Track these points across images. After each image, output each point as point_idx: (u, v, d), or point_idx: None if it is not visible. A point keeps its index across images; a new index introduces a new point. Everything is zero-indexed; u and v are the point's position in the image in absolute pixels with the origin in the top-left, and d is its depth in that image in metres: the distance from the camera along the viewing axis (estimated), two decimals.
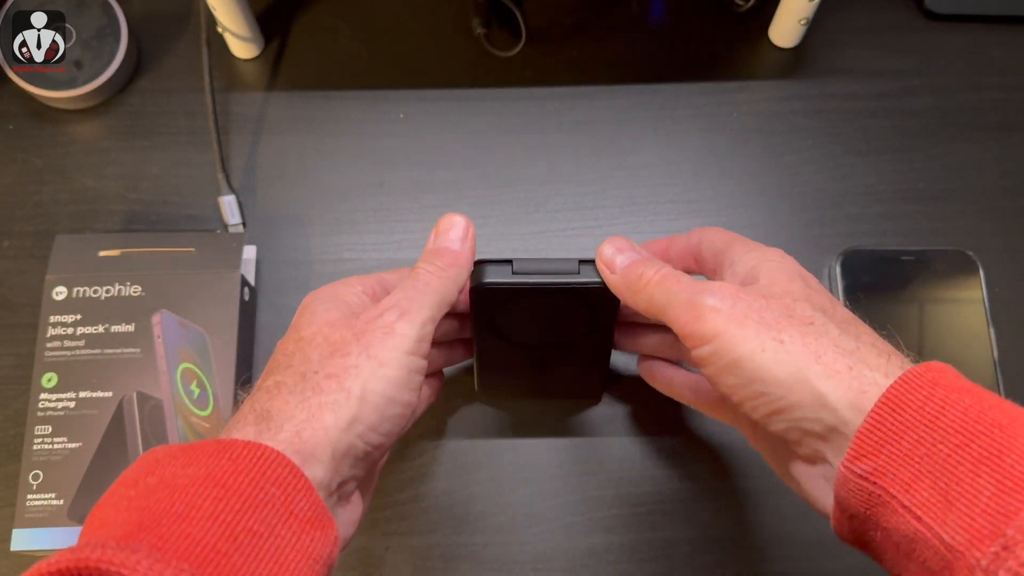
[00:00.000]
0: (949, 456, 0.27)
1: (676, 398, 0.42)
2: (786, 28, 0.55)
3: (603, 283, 0.38)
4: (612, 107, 0.55)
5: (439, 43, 0.56)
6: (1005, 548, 0.24)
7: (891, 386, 0.28)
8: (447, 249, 0.38)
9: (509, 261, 0.38)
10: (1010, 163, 0.54)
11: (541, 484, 0.47)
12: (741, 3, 0.56)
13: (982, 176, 0.53)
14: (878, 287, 0.49)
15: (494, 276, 0.38)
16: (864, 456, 0.28)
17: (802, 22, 0.54)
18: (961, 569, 0.25)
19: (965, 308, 0.49)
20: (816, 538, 0.46)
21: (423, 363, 0.34)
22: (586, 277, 0.38)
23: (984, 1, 0.56)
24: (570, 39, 0.56)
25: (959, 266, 0.50)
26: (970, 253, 0.50)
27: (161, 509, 0.27)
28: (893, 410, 0.28)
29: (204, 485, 0.28)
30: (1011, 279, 0.51)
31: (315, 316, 0.35)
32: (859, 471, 0.29)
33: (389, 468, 0.47)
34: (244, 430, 0.31)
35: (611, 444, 0.48)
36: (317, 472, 0.30)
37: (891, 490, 0.28)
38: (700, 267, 0.39)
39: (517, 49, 0.53)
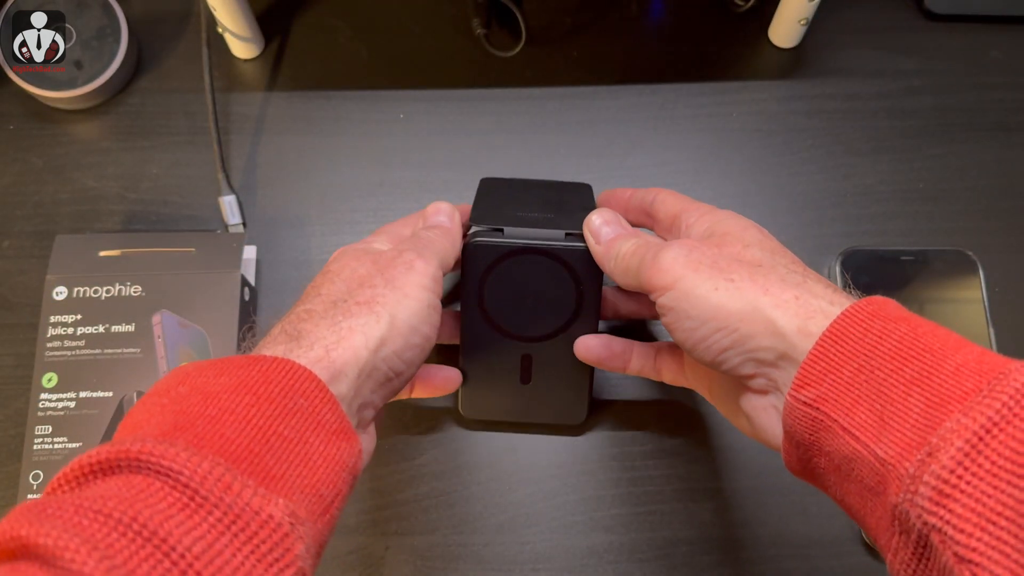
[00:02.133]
0: (885, 379, 0.28)
1: (633, 371, 0.44)
2: (786, 28, 0.55)
3: (587, 248, 0.41)
4: (612, 107, 0.55)
5: (439, 43, 0.56)
6: (929, 454, 0.26)
7: (835, 319, 0.30)
8: (440, 223, 0.42)
9: (501, 229, 0.42)
10: (1010, 163, 0.54)
11: (541, 484, 0.47)
12: (741, 3, 0.56)
13: (982, 176, 0.53)
14: (878, 287, 0.49)
15: (486, 236, 0.42)
16: (809, 384, 0.30)
17: (802, 22, 0.54)
18: (892, 480, 0.27)
19: (965, 308, 0.49)
20: (816, 537, 0.46)
21: (438, 301, 0.37)
22: (571, 243, 0.41)
23: (984, 1, 0.56)
24: (570, 39, 0.56)
25: (959, 266, 0.50)
26: (970, 253, 0.50)
27: (195, 412, 0.28)
28: (836, 341, 0.30)
29: (236, 393, 0.29)
30: (1011, 279, 0.51)
31: (343, 255, 0.38)
32: (804, 398, 0.30)
33: (389, 468, 0.47)
34: (274, 348, 0.32)
35: (611, 444, 0.48)
36: (342, 389, 0.32)
37: (833, 415, 0.29)
38: (654, 225, 0.43)
39: (517, 49, 0.53)
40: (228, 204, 0.51)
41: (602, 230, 0.40)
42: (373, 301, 0.35)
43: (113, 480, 0.26)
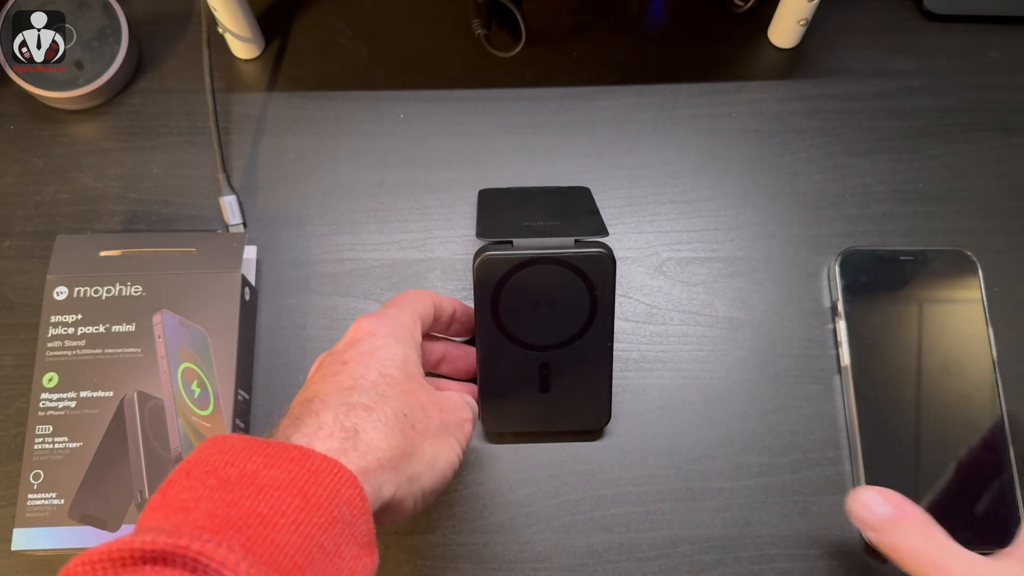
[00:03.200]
0: None
1: None
2: (785, 29, 0.55)
3: (599, 252, 0.41)
4: (612, 107, 0.55)
5: (439, 43, 0.56)
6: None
7: None
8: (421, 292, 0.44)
9: (509, 241, 0.42)
10: (1010, 163, 0.54)
11: (541, 484, 0.47)
12: (740, 4, 0.56)
13: (982, 176, 0.53)
14: (877, 287, 0.49)
15: (496, 250, 0.41)
16: None
17: (801, 23, 0.54)
18: None
19: (964, 308, 0.49)
20: (816, 537, 0.46)
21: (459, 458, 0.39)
22: (582, 249, 0.41)
23: (983, 1, 0.56)
24: (570, 39, 0.56)
25: (958, 266, 0.50)
26: (969, 253, 0.50)
27: (247, 508, 0.28)
28: None
29: (287, 491, 0.29)
30: (1011, 279, 0.51)
31: (376, 356, 0.37)
32: None
33: None
34: (328, 443, 0.32)
35: (611, 444, 0.48)
36: (373, 501, 0.32)
37: None
38: None
39: (517, 49, 0.53)
40: (229, 204, 0.51)
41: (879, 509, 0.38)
42: (426, 433, 0.36)
43: (166, 572, 0.25)
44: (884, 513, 0.38)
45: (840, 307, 0.48)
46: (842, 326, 0.48)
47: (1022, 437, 0.47)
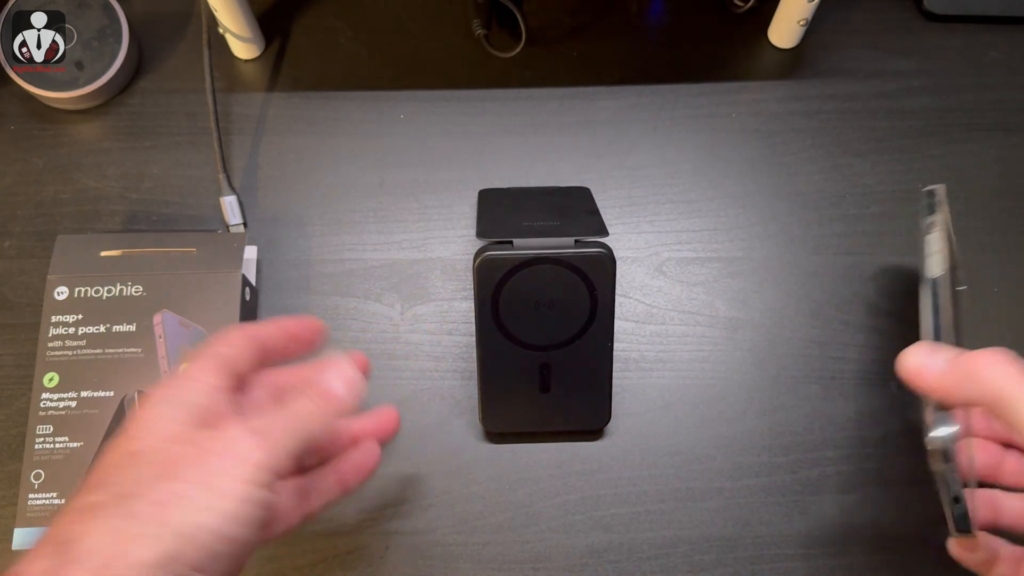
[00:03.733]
0: None
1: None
2: (785, 29, 0.55)
3: (599, 252, 0.41)
4: (612, 107, 0.55)
5: (439, 43, 0.56)
6: None
7: None
8: (334, 394, 0.33)
9: (509, 241, 0.42)
10: (1010, 163, 0.54)
11: (541, 484, 0.47)
12: (740, 4, 0.56)
13: (980, 176, 0.53)
14: None
15: (496, 250, 0.41)
16: None
17: (801, 23, 0.54)
18: None
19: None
20: (816, 537, 0.46)
21: (271, 498, 0.30)
22: (582, 249, 0.41)
23: (983, 1, 0.56)
24: (570, 39, 0.56)
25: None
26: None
27: None
28: None
29: None
30: (1011, 279, 0.51)
31: (152, 425, 0.30)
32: None
33: (389, 468, 0.47)
34: (37, 563, 0.26)
35: (611, 444, 0.48)
36: None
37: None
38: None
39: (517, 50, 0.53)
40: (229, 204, 0.51)
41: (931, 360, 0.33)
42: (171, 502, 0.27)
43: None
44: (944, 360, 0.33)
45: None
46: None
47: None
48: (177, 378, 0.32)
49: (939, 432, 0.33)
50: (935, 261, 0.40)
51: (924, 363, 0.33)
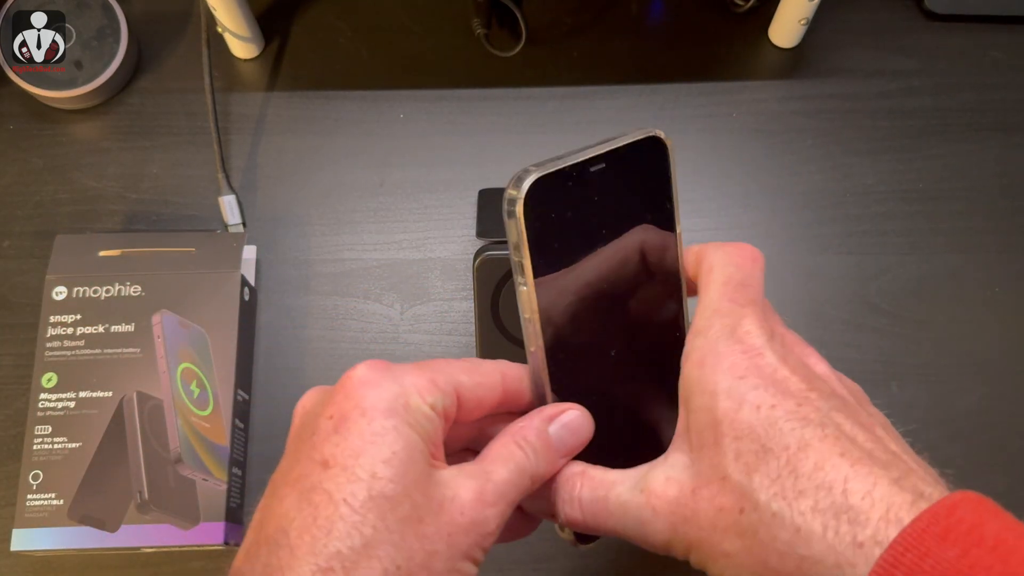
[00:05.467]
0: None
1: None
2: (786, 28, 0.55)
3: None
4: (612, 107, 0.55)
5: (439, 43, 0.56)
6: None
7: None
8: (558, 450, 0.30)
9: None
10: (1010, 163, 0.54)
11: None
12: (741, 3, 0.56)
13: (981, 176, 0.53)
14: None
15: (496, 250, 0.37)
16: None
17: (802, 22, 0.54)
18: None
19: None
20: None
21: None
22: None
23: (984, 1, 0.56)
24: (570, 39, 0.56)
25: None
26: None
27: None
28: None
29: None
30: (1011, 279, 0.51)
31: (407, 465, 0.27)
32: None
33: None
34: None
35: None
36: None
37: None
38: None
39: (517, 49, 0.53)
40: (228, 204, 0.51)
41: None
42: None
43: None
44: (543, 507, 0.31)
45: None
46: None
47: None
48: (393, 376, 0.29)
49: None
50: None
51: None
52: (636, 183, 0.33)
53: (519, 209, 0.32)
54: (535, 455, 0.29)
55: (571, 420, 0.31)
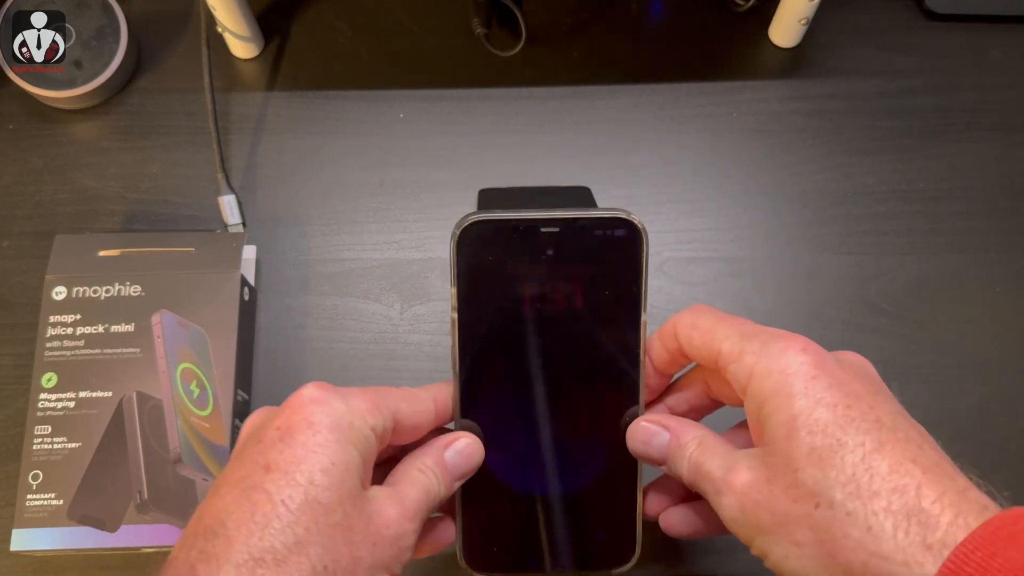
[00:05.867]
0: None
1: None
2: (786, 28, 0.55)
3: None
4: (612, 107, 0.55)
5: (439, 43, 0.56)
6: None
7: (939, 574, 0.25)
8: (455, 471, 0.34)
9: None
10: (1011, 163, 0.54)
11: None
12: (741, 3, 0.56)
13: (982, 176, 0.53)
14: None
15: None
16: None
17: (802, 22, 0.54)
18: None
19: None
20: None
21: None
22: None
23: (984, 1, 0.56)
24: (570, 39, 0.56)
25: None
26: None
27: None
28: None
29: None
30: (1011, 279, 0.51)
31: (339, 478, 0.29)
32: None
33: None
34: None
35: None
36: None
37: None
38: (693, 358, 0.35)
39: (517, 49, 0.53)
40: (228, 204, 0.51)
41: (652, 443, 0.34)
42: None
43: None
44: (662, 443, 0.34)
45: None
46: None
47: None
48: (336, 397, 0.31)
49: None
50: None
51: (647, 451, 0.35)
52: (596, 256, 0.34)
53: (452, 245, 0.34)
54: (436, 479, 0.33)
55: (464, 447, 0.34)
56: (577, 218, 0.34)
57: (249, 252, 0.51)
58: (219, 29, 0.53)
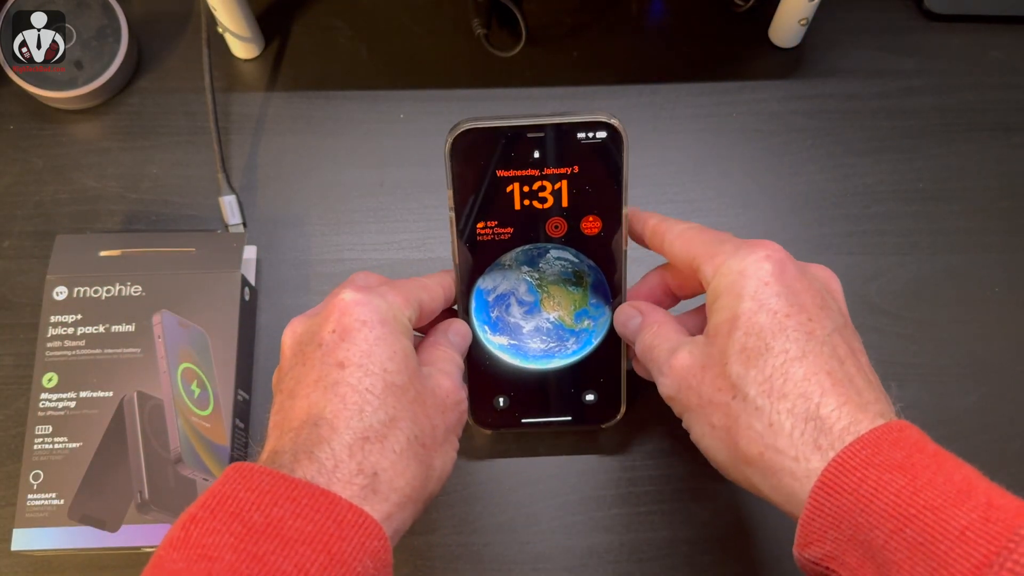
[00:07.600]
0: (886, 543, 0.27)
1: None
2: (786, 28, 0.55)
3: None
4: (612, 107, 0.54)
5: (439, 43, 0.56)
6: None
7: (826, 469, 0.29)
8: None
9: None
10: (1010, 163, 0.54)
11: (541, 484, 0.47)
12: (741, 3, 0.56)
13: (982, 176, 0.53)
14: None
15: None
16: (811, 544, 0.30)
17: (802, 22, 0.54)
18: None
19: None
20: None
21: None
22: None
23: (984, 1, 0.56)
24: (570, 39, 0.56)
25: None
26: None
27: (273, 565, 0.27)
28: (830, 494, 0.29)
29: (313, 547, 0.28)
30: (1011, 279, 0.51)
31: (406, 360, 0.34)
32: (810, 557, 0.30)
33: None
34: (349, 488, 0.30)
35: (611, 444, 0.48)
36: (393, 543, 0.32)
37: (843, 573, 0.29)
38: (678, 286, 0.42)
39: (517, 49, 0.53)
40: (228, 204, 0.51)
41: (628, 325, 0.40)
42: (435, 447, 0.34)
43: None
44: (636, 325, 0.39)
45: None
46: None
47: None
48: (378, 296, 0.35)
49: None
50: None
51: (624, 331, 0.41)
52: (580, 156, 0.38)
53: (446, 149, 0.38)
54: (452, 356, 0.39)
55: (460, 328, 0.41)
56: (561, 123, 0.38)
57: (249, 252, 0.51)
58: (220, 29, 0.53)
